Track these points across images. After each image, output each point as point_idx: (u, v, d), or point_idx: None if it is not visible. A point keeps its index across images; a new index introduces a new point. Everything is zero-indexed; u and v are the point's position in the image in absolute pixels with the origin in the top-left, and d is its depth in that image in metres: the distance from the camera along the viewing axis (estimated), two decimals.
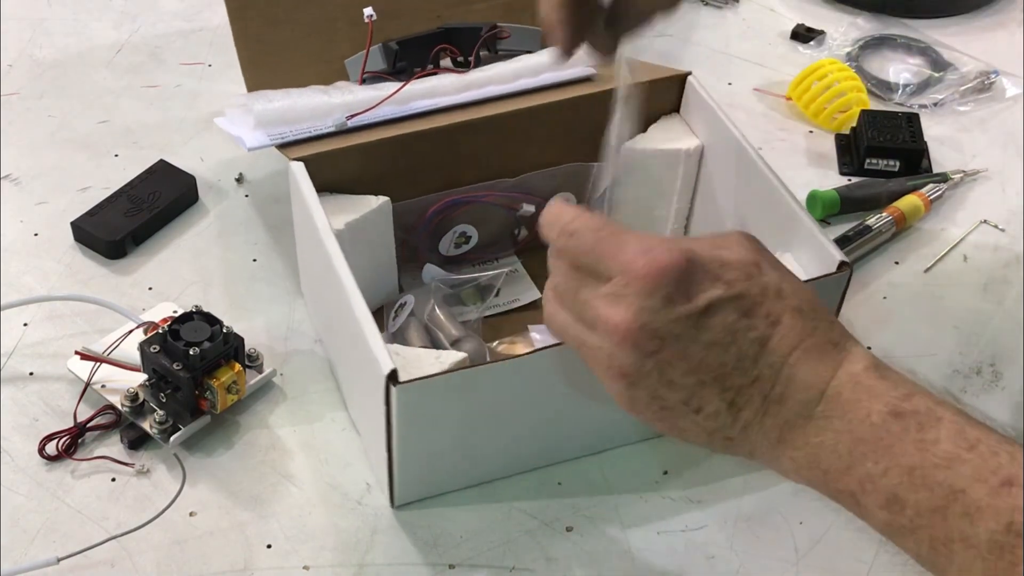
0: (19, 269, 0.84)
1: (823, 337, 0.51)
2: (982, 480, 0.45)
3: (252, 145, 0.75)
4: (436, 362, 0.67)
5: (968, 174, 0.95)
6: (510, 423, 0.68)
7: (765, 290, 0.50)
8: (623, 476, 0.72)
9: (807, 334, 0.50)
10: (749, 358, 0.50)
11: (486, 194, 0.80)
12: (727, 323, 0.50)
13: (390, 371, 0.60)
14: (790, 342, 0.50)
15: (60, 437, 0.72)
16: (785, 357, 0.50)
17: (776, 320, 0.50)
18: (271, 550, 0.68)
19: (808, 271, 0.70)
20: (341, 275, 0.66)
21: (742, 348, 0.50)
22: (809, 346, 0.50)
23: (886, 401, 0.49)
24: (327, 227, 0.69)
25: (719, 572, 0.68)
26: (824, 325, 0.51)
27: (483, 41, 0.83)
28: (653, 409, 0.52)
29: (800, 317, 0.51)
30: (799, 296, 0.51)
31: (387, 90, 0.78)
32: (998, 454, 0.46)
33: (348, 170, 0.75)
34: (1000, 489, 0.45)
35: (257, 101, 0.77)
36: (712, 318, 0.50)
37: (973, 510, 0.45)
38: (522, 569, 0.67)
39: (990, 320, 0.84)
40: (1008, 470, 0.45)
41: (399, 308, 0.78)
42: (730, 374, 0.50)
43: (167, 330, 0.70)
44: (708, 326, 0.50)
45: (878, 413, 0.48)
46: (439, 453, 0.68)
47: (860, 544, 0.69)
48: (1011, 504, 0.44)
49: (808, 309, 0.51)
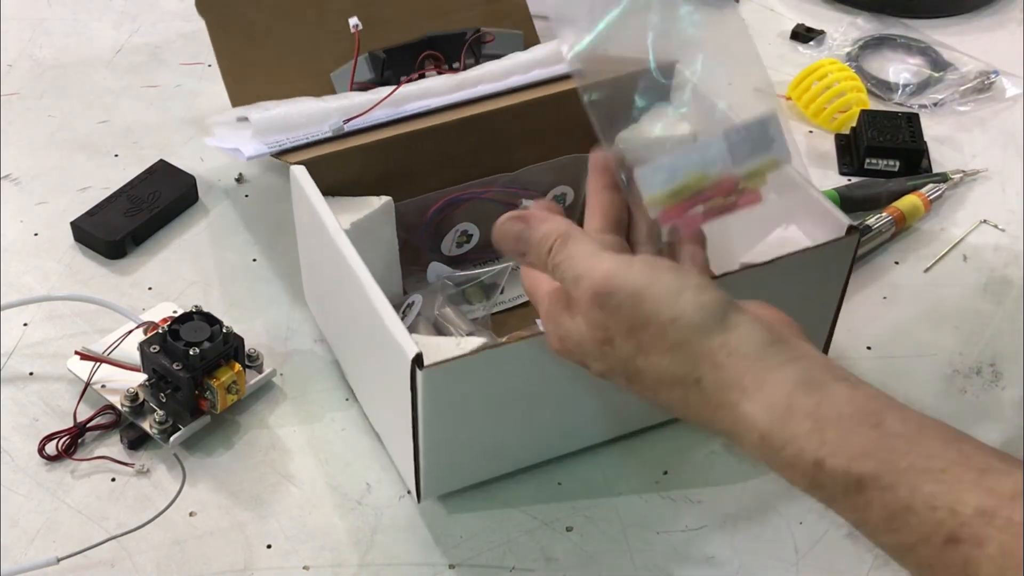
0: (19, 269, 0.84)
1: (697, 403, 0.52)
2: (926, 540, 0.45)
3: (250, 154, 0.75)
4: (457, 348, 0.66)
5: (968, 174, 0.95)
6: (535, 405, 0.67)
7: (626, 369, 0.54)
8: (623, 476, 0.72)
9: (684, 403, 0.53)
10: (669, 409, 0.54)
11: (484, 190, 0.81)
12: (627, 387, 0.55)
13: (415, 355, 0.60)
14: (679, 410, 0.53)
15: (60, 437, 0.72)
16: (687, 419, 0.54)
17: (653, 392, 0.54)
18: (271, 550, 0.68)
19: (815, 239, 0.69)
20: (356, 270, 0.66)
21: (656, 406, 0.55)
22: (694, 413, 0.53)
23: (802, 474, 0.48)
24: (337, 227, 0.69)
25: (719, 572, 0.68)
26: (691, 389, 0.52)
27: (468, 46, 0.84)
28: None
29: (668, 390, 0.53)
30: (652, 367, 0.52)
31: (381, 94, 0.78)
32: (936, 509, 0.45)
33: (347, 173, 0.76)
34: (946, 547, 0.44)
35: (254, 111, 0.77)
36: (614, 381, 0.55)
37: (926, 566, 0.45)
38: (522, 569, 0.67)
39: (990, 320, 0.84)
40: (949, 526, 0.44)
41: (407, 308, 0.78)
42: (668, 411, 0.55)
43: (167, 330, 0.70)
44: (618, 386, 0.55)
45: (802, 485, 0.49)
46: (465, 442, 0.67)
47: (860, 544, 0.69)
48: (961, 560, 0.44)
49: (667, 378, 0.52)
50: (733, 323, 0.52)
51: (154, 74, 1.03)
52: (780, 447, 0.49)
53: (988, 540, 0.43)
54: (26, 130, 0.96)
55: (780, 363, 0.50)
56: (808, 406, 0.49)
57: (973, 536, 0.43)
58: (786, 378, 0.50)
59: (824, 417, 0.48)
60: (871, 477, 0.46)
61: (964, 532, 0.44)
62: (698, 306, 0.52)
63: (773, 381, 0.50)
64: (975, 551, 0.43)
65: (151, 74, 1.03)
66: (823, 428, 0.48)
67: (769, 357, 0.51)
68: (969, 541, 0.44)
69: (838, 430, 0.48)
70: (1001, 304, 0.85)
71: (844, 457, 0.47)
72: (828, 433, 0.48)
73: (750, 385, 0.50)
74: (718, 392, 0.51)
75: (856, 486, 0.47)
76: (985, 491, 0.44)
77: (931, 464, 0.46)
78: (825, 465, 0.47)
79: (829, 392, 0.49)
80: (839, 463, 0.47)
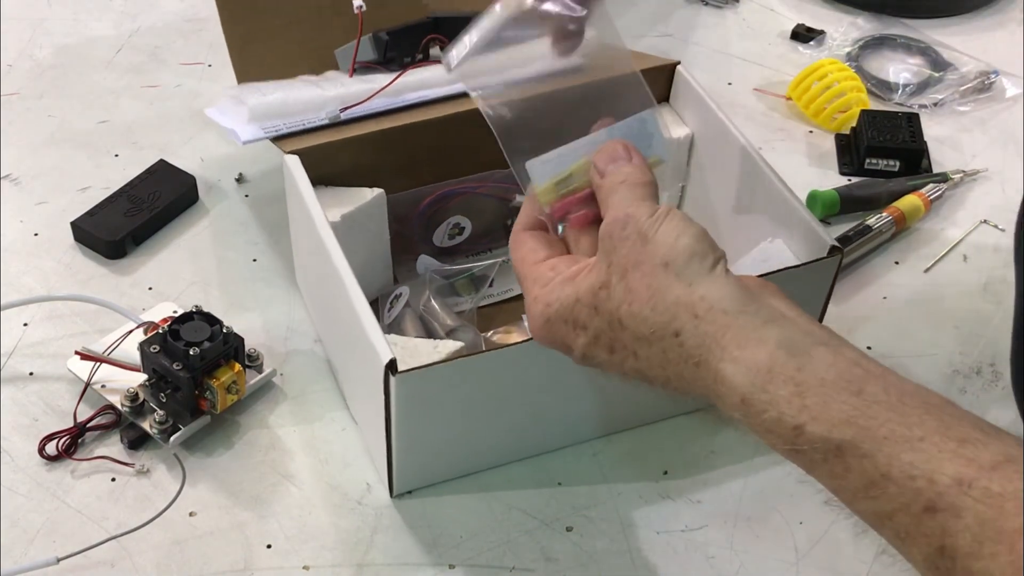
0: (19, 269, 0.84)
1: (677, 360, 0.52)
2: (904, 509, 0.45)
3: (246, 138, 0.76)
4: (434, 352, 0.67)
5: (968, 174, 0.95)
6: (508, 411, 0.68)
7: (611, 321, 0.53)
8: (623, 476, 0.72)
9: (664, 361, 0.52)
10: (646, 383, 0.54)
11: (479, 185, 0.81)
12: (607, 361, 0.55)
13: (389, 361, 0.61)
14: (659, 372, 0.53)
15: (60, 437, 0.72)
16: (668, 383, 0.53)
17: (633, 351, 0.53)
18: (271, 550, 0.68)
19: (799, 256, 0.70)
20: (338, 267, 0.66)
21: (634, 377, 0.54)
22: (675, 373, 0.52)
23: (782, 438, 0.48)
24: (323, 219, 0.69)
25: (719, 572, 0.68)
26: (669, 343, 0.51)
27: None
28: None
29: (647, 346, 0.52)
30: (634, 317, 0.52)
31: (379, 82, 0.78)
32: (914, 478, 0.45)
33: (342, 163, 0.76)
34: (923, 515, 0.44)
35: (251, 95, 0.77)
36: (595, 360, 0.55)
37: (903, 535, 0.45)
38: (522, 569, 0.67)
39: (990, 320, 0.84)
40: (927, 495, 0.44)
41: (394, 299, 0.78)
42: (646, 385, 0.55)
43: (167, 330, 0.70)
44: (599, 364, 0.55)
45: (781, 450, 0.49)
46: (438, 442, 0.68)
47: (860, 544, 0.69)
48: (938, 529, 0.44)
49: (646, 330, 0.52)
50: (717, 276, 0.52)
51: (154, 74, 1.03)
52: (760, 411, 0.48)
53: (965, 510, 0.43)
54: (26, 130, 0.96)
55: (761, 323, 0.50)
56: (789, 370, 0.48)
57: (950, 505, 0.44)
58: (767, 339, 0.49)
59: (805, 382, 0.48)
60: (850, 444, 0.46)
61: (942, 501, 0.44)
62: (690, 254, 0.52)
63: (754, 341, 0.50)
64: (952, 521, 0.43)
65: (151, 74, 1.03)
66: (803, 393, 0.48)
67: (749, 315, 0.50)
68: (947, 511, 0.44)
69: (819, 396, 0.47)
70: (1001, 304, 0.85)
71: (824, 424, 0.47)
72: (808, 399, 0.48)
73: (730, 344, 0.50)
74: (697, 348, 0.51)
75: (835, 453, 0.47)
76: (964, 461, 0.44)
77: (910, 433, 0.46)
78: (805, 431, 0.47)
79: (810, 356, 0.49)
80: (819, 429, 0.47)
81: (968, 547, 0.43)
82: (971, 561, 0.43)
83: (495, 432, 0.70)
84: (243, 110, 0.77)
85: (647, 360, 0.53)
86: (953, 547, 0.43)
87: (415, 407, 0.64)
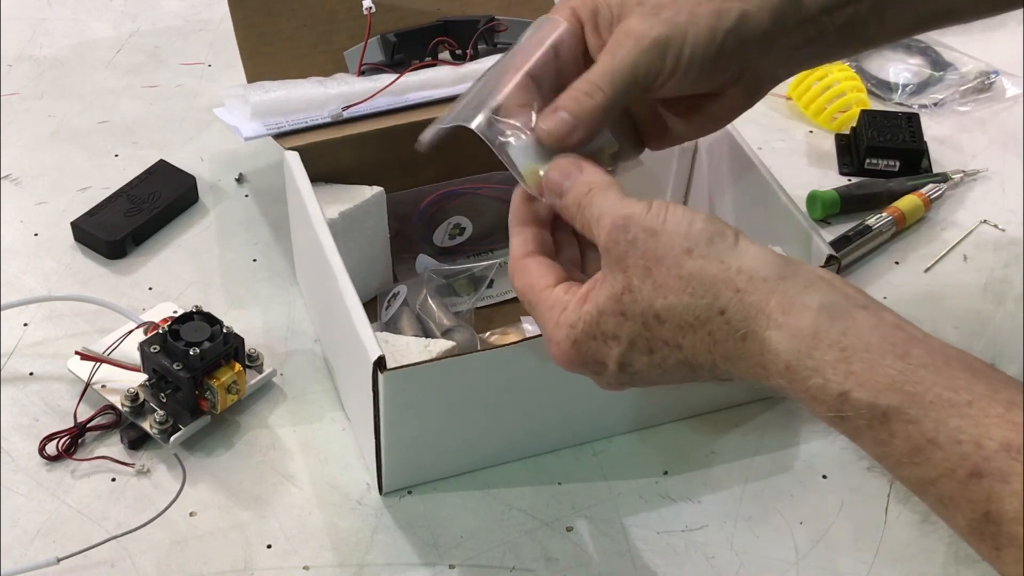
0: (19, 269, 0.84)
1: (724, 338, 0.51)
2: (950, 474, 0.44)
3: (249, 135, 0.76)
4: (424, 350, 0.67)
5: (968, 174, 0.95)
6: (498, 411, 0.68)
7: (646, 321, 0.52)
8: (623, 476, 0.72)
9: (711, 344, 0.51)
10: (690, 372, 0.53)
11: (481, 186, 0.81)
12: (647, 363, 0.53)
13: (378, 358, 0.61)
14: (704, 357, 0.52)
15: (60, 437, 0.72)
16: (714, 367, 0.52)
17: (677, 344, 0.52)
18: (271, 550, 0.68)
19: None
20: (333, 264, 0.66)
21: (677, 373, 0.53)
22: (721, 354, 0.51)
23: (827, 406, 0.48)
24: (320, 217, 0.69)
25: (719, 572, 0.68)
26: (716, 323, 0.51)
27: (481, 34, 0.84)
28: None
29: (692, 333, 0.51)
30: (672, 310, 0.51)
31: (383, 82, 0.78)
32: (960, 443, 0.44)
33: (343, 160, 0.76)
34: (969, 481, 0.44)
35: (254, 92, 0.77)
36: (632, 367, 0.54)
37: (947, 500, 0.45)
38: (522, 569, 0.67)
39: (990, 320, 0.84)
40: (973, 460, 0.44)
41: (392, 298, 0.78)
42: (691, 379, 0.54)
43: (167, 330, 0.70)
44: (638, 372, 0.54)
45: (825, 417, 0.48)
46: (426, 440, 0.68)
47: (860, 544, 0.69)
48: (984, 494, 0.44)
49: (690, 318, 0.51)
50: (744, 249, 0.51)
51: (154, 74, 1.03)
52: (806, 377, 0.48)
53: (1013, 475, 0.43)
54: (26, 130, 0.96)
55: (802, 287, 0.50)
56: (833, 335, 0.48)
57: (997, 470, 0.43)
58: (809, 303, 0.49)
59: (850, 347, 0.47)
60: (896, 410, 0.46)
61: (988, 466, 0.43)
62: (710, 235, 0.51)
63: (798, 306, 0.49)
64: (999, 486, 0.43)
65: (151, 74, 1.03)
66: (849, 359, 0.47)
67: (788, 279, 0.50)
68: (993, 475, 0.43)
69: (864, 361, 0.47)
70: (1001, 304, 0.85)
71: (870, 389, 0.46)
72: (854, 364, 0.47)
73: (775, 310, 0.49)
74: (744, 320, 0.50)
75: (881, 419, 0.46)
76: (1012, 425, 0.44)
77: (957, 397, 0.45)
78: (850, 397, 0.47)
79: (854, 320, 0.48)
80: (865, 395, 0.46)
81: (1014, 512, 0.43)
82: (1016, 526, 0.43)
83: (487, 432, 0.70)
84: (246, 107, 0.77)
85: (692, 348, 0.52)
86: (999, 512, 0.43)
87: (403, 405, 0.64)
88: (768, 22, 0.59)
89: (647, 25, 0.57)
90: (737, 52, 0.59)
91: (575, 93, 0.58)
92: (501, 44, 0.85)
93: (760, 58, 0.60)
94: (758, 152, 0.75)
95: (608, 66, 0.57)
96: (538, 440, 0.72)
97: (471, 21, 0.84)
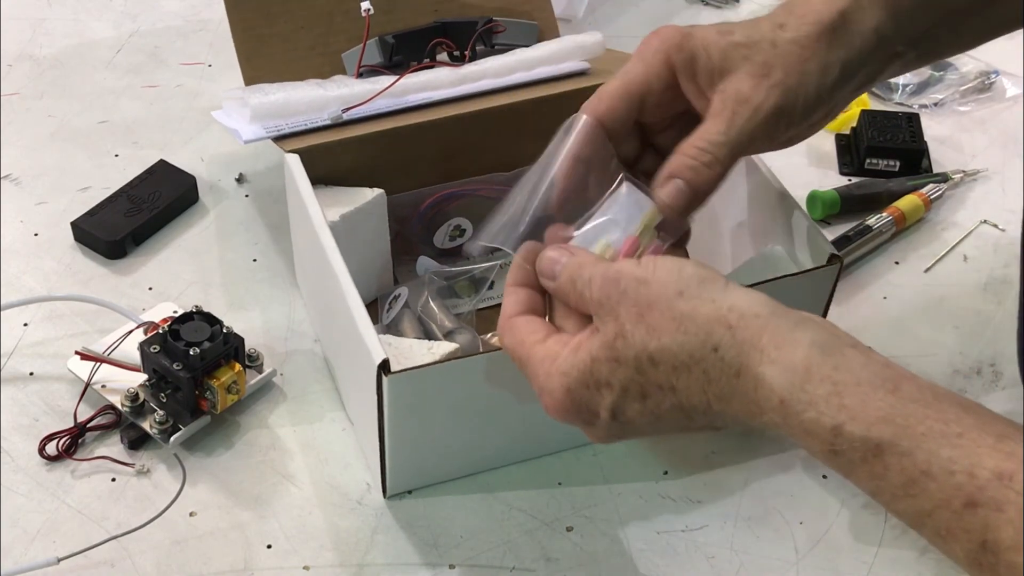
0: (19, 269, 0.84)
1: (719, 375, 0.51)
2: (945, 505, 0.45)
3: (248, 138, 0.76)
4: (428, 353, 0.67)
5: (968, 174, 0.95)
6: (501, 414, 0.68)
7: (640, 365, 0.52)
8: (623, 476, 0.72)
9: (705, 383, 0.51)
10: (684, 418, 0.53)
11: (481, 187, 0.81)
12: (640, 411, 0.53)
13: (382, 361, 0.61)
14: (699, 398, 0.52)
15: (60, 437, 0.72)
16: (708, 409, 0.52)
17: (671, 386, 0.52)
18: (271, 550, 0.68)
19: (800, 263, 0.70)
20: (335, 267, 0.66)
21: (671, 419, 0.53)
22: (716, 394, 0.51)
23: (821, 440, 0.48)
24: (321, 219, 0.69)
25: (719, 572, 0.68)
26: (710, 361, 0.51)
27: (479, 35, 0.84)
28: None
29: (686, 373, 0.51)
30: (666, 351, 0.51)
31: (383, 83, 0.78)
32: (954, 473, 0.45)
33: (344, 162, 0.76)
34: (964, 511, 0.44)
35: (253, 94, 0.77)
36: (625, 416, 0.54)
37: (944, 532, 0.45)
38: (522, 569, 0.67)
39: (990, 320, 0.84)
40: (967, 490, 0.44)
41: (393, 300, 0.78)
42: (684, 427, 0.54)
43: (167, 330, 0.70)
44: (630, 421, 0.54)
45: (819, 452, 0.49)
46: (431, 443, 0.68)
47: (860, 544, 0.69)
48: (980, 524, 0.44)
49: (684, 357, 0.51)
50: (734, 290, 0.52)
51: (154, 74, 1.03)
52: (800, 411, 0.48)
53: (1007, 503, 0.43)
54: (26, 130, 0.96)
55: (792, 324, 0.50)
56: (826, 369, 0.48)
57: (992, 500, 0.43)
58: (801, 339, 0.49)
59: (842, 381, 0.48)
60: (889, 443, 0.46)
61: (983, 496, 0.44)
62: (700, 278, 0.52)
63: (790, 342, 0.49)
64: (994, 515, 0.43)
65: (151, 74, 1.03)
66: (841, 393, 0.48)
67: (779, 317, 0.50)
68: (988, 504, 0.44)
69: (856, 395, 0.47)
70: (1001, 304, 0.85)
71: (863, 423, 0.47)
72: (847, 398, 0.47)
73: (768, 345, 0.49)
74: (738, 356, 0.50)
75: (875, 452, 0.46)
76: (1004, 455, 0.44)
77: (948, 429, 0.46)
78: (844, 431, 0.47)
79: (844, 356, 0.49)
80: (858, 429, 0.47)
81: (1011, 540, 0.43)
82: (1014, 555, 0.43)
83: (490, 435, 0.70)
84: (246, 110, 0.77)
85: (686, 390, 0.52)
86: (995, 541, 0.43)
87: (407, 408, 0.64)
88: (862, 64, 0.59)
89: (762, 94, 0.58)
90: (831, 97, 0.59)
91: (692, 163, 0.58)
92: (499, 45, 0.85)
93: (846, 94, 0.61)
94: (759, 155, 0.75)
95: (724, 134, 0.58)
96: (539, 441, 0.72)
97: (469, 23, 0.84)
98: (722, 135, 0.58)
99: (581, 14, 1.08)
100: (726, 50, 0.59)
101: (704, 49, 0.59)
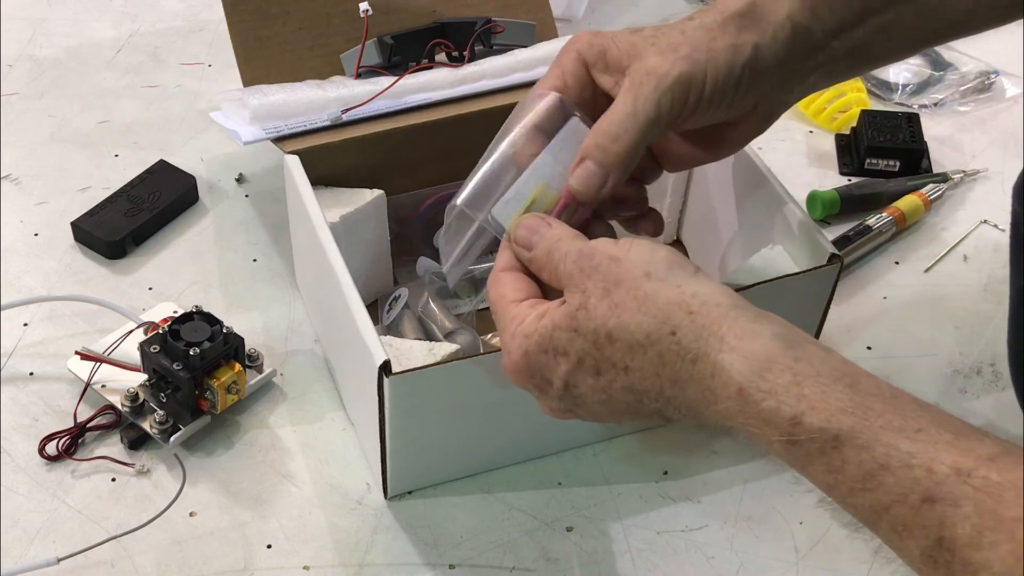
0: (19, 269, 0.84)
1: (673, 359, 0.51)
2: (902, 500, 0.45)
3: (248, 139, 0.76)
4: (429, 354, 0.68)
5: (968, 174, 0.95)
6: (502, 414, 0.68)
7: (597, 340, 0.52)
8: (623, 476, 0.72)
9: (659, 366, 0.51)
10: (635, 401, 0.53)
11: None
12: (592, 386, 0.54)
13: (383, 362, 0.61)
14: (651, 381, 0.52)
15: (60, 437, 0.72)
16: (660, 394, 0.52)
17: (624, 366, 0.52)
18: (271, 550, 0.68)
19: (800, 263, 0.70)
20: (336, 268, 0.66)
21: (621, 399, 0.53)
22: (669, 378, 0.51)
23: (779, 430, 0.48)
24: (321, 220, 0.69)
25: (719, 572, 0.68)
26: (666, 343, 0.51)
27: (477, 35, 0.84)
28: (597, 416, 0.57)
29: (641, 353, 0.52)
30: (624, 328, 0.52)
31: (382, 84, 0.78)
32: (912, 467, 0.44)
33: (343, 163, 0.76)
34: (921, 506, 0.44)
35: (253, 96, 0.77)
36: (577, 389, 0.54)
37: (900, 528, 0.45)
38: (522, 569, 0.67)
39: (990, 320, 0.84)
40: (925, 485, 0.44)
41: (393, 301, 0.78)
42: (635, 411, 0.54)
43: (167, 330, 0.70)
44: (582, 396, 0.54)
45: (777, 443, 0.48)
46: (432, 444, 0.68)
47: (860, 544, 0.69)
48: (936, 520, 0.44)
49: (641, 337, 0.51)
50: (702, 279, 0.52)
51: (154, 74, 1.03)
52: (758, 400, 0.48)
53: (964, 499, 0.43)
54: (26, 130, 0.96)
55: (753, 317, 0.50)
56: (786, 360, 0.48)
57: (949, 495, 0.43)
58: (761, 332, 0.49)
59: (802, 372, 0.48)
60: (848, 435, 0.46)
61: (940, 491, 0.44)
62: (670, 263, 0.52)
63: (751, 332, 0.49)
64: (951, 510, 0.43)
65: (151, 74, 1.03)
66: (801, 383, 0.47)
67: (741, 308, 0.51)
68: (945, 500, 0.43)
69: (816, 386, 0.47)
70: (1001, 304, 0.85)
71: (822, 413, 0.47)
72: (806, 388, 0.47)
73: (728, 334, 0.50)
74: (695, 342, 0.50)
75: (833, 443, 0.46)
76: (961, 451, 0.44)
77: (907, 424, 0.46)
78: (803, 421, 0.47)
79: (805, 350, 0.49)
80: (816, 420, 0.47)
81: (967, 537, 0.43)
82: (970, 552, 0.43)
83: (491, 435, 0.70)
84: (245, 111, 0.77)
85: (640, 371, 0.52)
86: (952, 538, 0.43)
87: (409, 409, 0.64)
88: (781, 52, 0.59)
89: (668, 63, 0.57)
90: (753, 83, 0.59)
91: (600, 140, 0.58)
92: (497, 46, 0.85)
93: (774, 87, 0.61)
94: (759, 152, 0.75)
95: (631, 107, 0.58)
96: (539, 442, 0.72)
97: (468, 23, 0.84)
98: (628, 108, 0.58)
99: (581, 14, 1.08)
100: (635, 41, 0.59)
101: (613, 41, 0.60)
